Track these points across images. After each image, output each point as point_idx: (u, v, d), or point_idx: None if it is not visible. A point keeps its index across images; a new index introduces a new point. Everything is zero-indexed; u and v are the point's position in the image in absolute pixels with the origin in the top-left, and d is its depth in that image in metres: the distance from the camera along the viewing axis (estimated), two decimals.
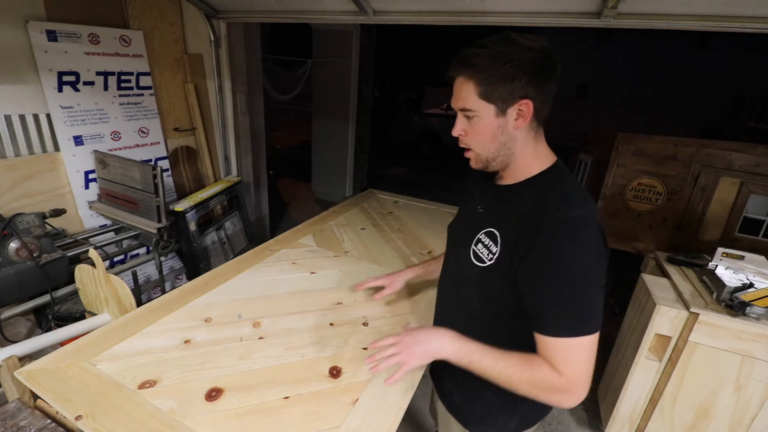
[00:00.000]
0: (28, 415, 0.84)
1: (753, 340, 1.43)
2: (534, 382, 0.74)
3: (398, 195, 2.52)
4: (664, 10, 1.56)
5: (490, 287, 0.82)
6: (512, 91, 0.72)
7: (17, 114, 1.93)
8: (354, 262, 1.61)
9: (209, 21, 2.49)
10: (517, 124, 0.75)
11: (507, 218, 0.81)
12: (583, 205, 0.72)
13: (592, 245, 0.70)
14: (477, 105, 0.75)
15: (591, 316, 0.71)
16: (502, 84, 0.72)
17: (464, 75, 0.75)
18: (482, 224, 0.85)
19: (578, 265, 0.69)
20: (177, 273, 2.64)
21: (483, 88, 0.73)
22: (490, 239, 0.81)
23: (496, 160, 0.80)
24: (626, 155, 2.65)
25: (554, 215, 0.71)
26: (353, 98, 4.69)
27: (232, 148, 2.91)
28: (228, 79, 2.73)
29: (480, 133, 0.78)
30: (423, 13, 1.96)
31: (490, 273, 0.80)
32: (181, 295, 1.28)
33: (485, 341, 0.84)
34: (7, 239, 1.63)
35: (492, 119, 0.75)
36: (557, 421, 2.05)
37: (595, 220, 0.72)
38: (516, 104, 0.73)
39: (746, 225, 2.45)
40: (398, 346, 0.85)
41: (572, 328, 0.70)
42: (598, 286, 0.71)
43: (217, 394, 0.91)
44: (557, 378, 0.72)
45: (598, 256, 0.70)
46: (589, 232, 0.70)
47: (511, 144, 0.78)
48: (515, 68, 0.70)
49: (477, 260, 0.83)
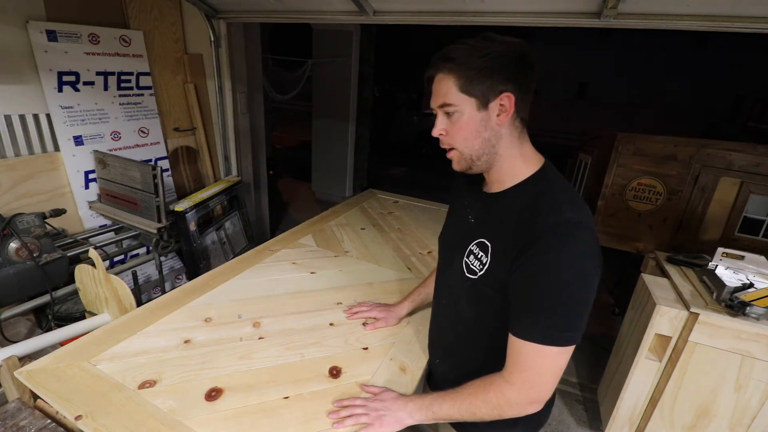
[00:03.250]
0: (28, 415, 0.84)
1: (753, 340, 1.43)
2: (489, 402, 0.75)
3: (398, 195, 2.52)
4: (664, 10, 1.56)
5: (482, 300, 0.81)
6: (492, 85, 0.72)
7: (17, 114, 1.93)
8: (354, 262, 1.61)
9: (209, 21, 2.49)
10: (500, 119, 0.74)
11: (497, 227, 0.79)
12: (576, 209, 0.70)
13: (586, 251, 0.68)
14: (457, 99, 0.74)
15: (569, 329, 0.69)
16: (482, 77, 0.71)
17: (443, 71, 0.74)
18: (473, 235, 0.83)
19: (570, 274, 0.67)
20: (177, 273, 2.64)
21: (463, 81, 0.72)
22: (481, 250, 0.80)
23: (481, 159, 0.78)
24: (626, 155, 2.65)
25: (545, 220, 0.69)
26: (353, 98, 4.69)
27: (232, 148, 2.91)
28: (228, 79, 2.73)
29: (462, 129, 0.76)
30: (423, 13, 1.96)
31: (482, 285, 0.79)
32: (181, 295, 1.28)
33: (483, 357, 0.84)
34: (7, 239, 1.63)
35: (474, 113, 0.74)
36: (557, 421, 2.05)
37: (589, 224, 0.70)
38: (497, 98, 0.73)
39: (746, 225, 2.45)
40: (367, 409, 0.84)
41: (545, 336, 0.69)
42: (584, 296, 0.68)
43: (217, 394, 0.91)
44: (508, 387, 0.73)
45: (591, 264, 0.68)
46: (583, 237, 0.68)
47: (495, 141, 0.76)
48: (493, 62, 0.71)
49: (469, 272, 0.82)
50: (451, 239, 0.94)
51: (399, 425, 0.82)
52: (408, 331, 1.19)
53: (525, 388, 0.72)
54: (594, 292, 0.69)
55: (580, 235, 0.68)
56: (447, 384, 0.87)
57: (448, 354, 0.98)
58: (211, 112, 2.85)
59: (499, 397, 0.74)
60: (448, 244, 0.96)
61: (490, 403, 0.75)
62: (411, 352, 1.10)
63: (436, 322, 1.02)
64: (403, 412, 0.83)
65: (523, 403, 0.73)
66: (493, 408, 0.75)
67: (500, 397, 0.74)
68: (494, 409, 0.75)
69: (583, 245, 0.68)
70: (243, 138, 3.03)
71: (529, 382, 0.72)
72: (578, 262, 0.67)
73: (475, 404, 0.76)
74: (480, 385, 0.77)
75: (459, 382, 0.82)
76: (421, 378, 1.02)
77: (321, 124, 4.94)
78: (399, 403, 0.85)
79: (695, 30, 1.56)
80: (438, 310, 1.00)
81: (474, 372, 0.81)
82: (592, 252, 0.68)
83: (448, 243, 0.95)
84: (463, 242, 0.85)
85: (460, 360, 0.94)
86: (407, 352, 1.10)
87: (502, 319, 0.77)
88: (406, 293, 1.40)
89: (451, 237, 0.95)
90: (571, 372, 2.36)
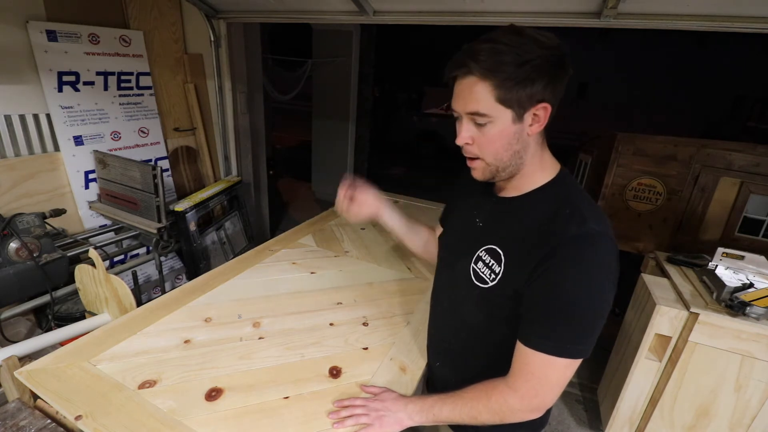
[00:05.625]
0: (28, 415, 0.84)
1: (753, 340, 1.43)
2: (491, 408, 0.74)
3: (398, 195, 2.52)
4: (664, 10, 1.56)
5: (493, 308, 0.78)
6: (531, 95, 0.65)
7: (17, 114, 1.93)
8: (354, 262, 1.61)
9: (209, 21, 2.49)
10: (532, 129, 0.69)
11: (511, 234, 0.75)
12: (598, 220, 0.67)
13: (606, 264, 0.65)
14: (493, 110, 0.66)
15: (581, 342, 0.67)
16: (522, 87, 0.64)
17: (476, 75, 0.65)
18: (482, 240, 0.79)
19: (588, 288, 0.65)
20: (177, 273, 2.64)
21: (501, 91, 0.64)
22: (492, 258, 0.76)
23: (507, 170, 0.73)
24: (626, 155, 2.65)
25: (567, 230, 0.66)
26: (353, 98, 4.69)
27: (232, 148, 2.91)
28: (228, 79, 2.73)
29: (494, 142, 0.69)
30: (423, 13, 1.96)
31: (493, 294, 0.76)
32: (181, 295, 1.28)
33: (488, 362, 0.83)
34: (7, 239, 1.63)
35: (509, 125, 0.68)
36: (557, 421, 2.05)
37: (609, 235, 0.67)
38: (533, 108, 0.67)
39: (746, 225, 2.45)
40: (367, 409, 0.83)
41: (556, 347, 0.67)
42: (601, 314, 0.66)
43: (217, 394, 0.91)
44: (511, 394, 0.72)
45: (610, 278, 0.66)
46: (605, 248, 0.66)
47: (524, 152, 0.71)
48: (535, 70, 0.63)
49: (478, 280, 0.78)
50: (454, 241, 0.91)
51: (399, 426, 0.82)
52: (408, 332, 1.19)
53: (528, 396, 0.71)
54: (610, 306, 0.67)
55: (602, 247, 0.66)
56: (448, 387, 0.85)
57: (450, 358, 0.96)
58: (211, 112, 2.85)
59: (502, 403, 0.73)
60: (450, 245, 0.93)
61: (492, 409, 0.74)
62: (411, 352, 1.10)
63: (436, 325, 1.00)
64: (403, 413, 0.82)
65: (525, 410, 0.73)
66: (494, 414, 0.75)
67: (502, 403, 0.73)
68: (495, 414, 0.75)
69: (604, 257, 0.66)
70: (243, 138, 3.03)
71: (534, 390, 0.71)
72: (597, 275, 0.65)
73: (476, 409, 0.76)
74: (482, 390, 0.77)
75: (460, 386, 0.81)
76: (420, 378, 1.02)
77: (321, 124, 4.94)
78: (399, 404, 0.84)
79: (695, 30, 1.56)
80: (438, 311, 0.98)
81: (477, 376, 0.80)
82: (611, 265, 0.66)
83: (451, 244, 0.92)
84: (469, 247, 0.82)
85: (463, 364, 0.92)
86: (407, 352, 1.10)
87: (512, 326, 0.74)
88: (406, 293, 1.40)
89: (454, 239, 0.91)
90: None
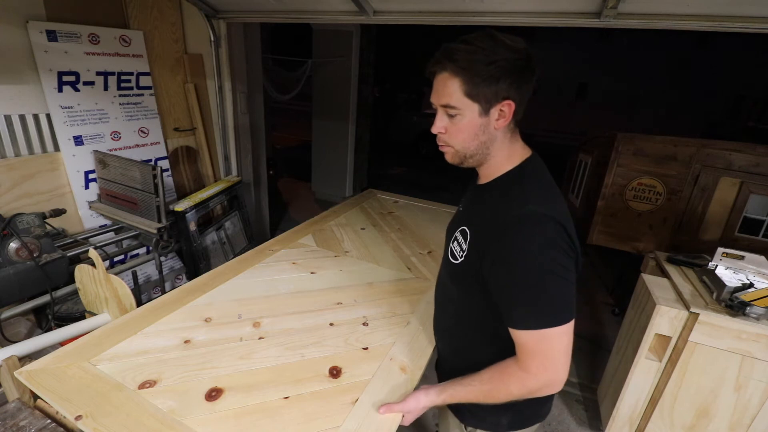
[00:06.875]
0: (28, 415, 0.84)
1: (753, 340, 1.43)
2: (512, 393, 0.78)
3: (398, 195, 2.52)
4: (664, 10, 1.56)
5: (463, 285, 0.87)
6: (496, 92, 0.73)
7: (17, 114, 1.93)
8: (354, 262, 1.61)
9: (209, 21, 2.49)
10: (498, 124, 0.77)
11: (477, 217, 0.84)
12: (543, 203, 0.73)
13: (549, 239, 0.70)
14: (462, 103, 0.75)
15: (557, 307, 0.72)
16: (488, 84, 0.72)
17: (449, 71, 0.74)
18: (460, 223, 0.90)
19: (535, 257, 0.70)
20: (177, 273, 2.64)
21: (469, 86, 0.73)
22: (462, 237, 0.85)
23: (474, 157, 0.82)
24: (626, 155, 2.65)
25: (510, 212, 0.74)
26: (353, 98, 4.69)
27: (232, 148, 2.92)
28: (228, 79, 2.73)
29: (462, 132, 0.78)
30: (423, 13, 1.96)
31: (462, 269, 0.84)
32: (181, 295, 1.28)
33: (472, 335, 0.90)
34: (7, 239, 1.63)
35: (475, 118, 0.76)
36: (557, 421, 2.05)
37: (556, 218, 0.72)
38: (498, 105, 0.74)
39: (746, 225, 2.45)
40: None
41: (539, 321, 0.72)
42: (562, 277, 0.71)
43: (217, 394, 0.91)
44: (526, 376, 0.76)
45: (557, 249, 0.71)
46: (546, 229, 0.71)
47: (490, 143, 0.80)
48: (500, 69, 0.71)
49: (452, 257, 0.88)
50: (449, 227, 1.00)
51: (416, 403, 0.88)
52: (408, 332, 1.19)
53: (540, 372, 0.75)
54: (572, 270, 0.72)
55: (543, 228, 0.71)
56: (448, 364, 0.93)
57: (448, 334, 1.02)
58: (211, 112, 2.85)
59: (521, 387, 0.77)
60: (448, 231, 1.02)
61: (513, 394, 0.78)
62: (411, 352, 1.10)
63: (436, 304, 1.07)
64: (421, 392, 0.89)
65: (543, 386, 0.77)
66: (518, 397, 0.79)
67: (521, 387, 0.77)
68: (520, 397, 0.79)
69: (549, 235, 0.71)
70: (243, 138, 3.03)
71: (543, 366, 0.74)
72: (542, 248, 0.70)
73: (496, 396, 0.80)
74: (498, 378, 0.80)
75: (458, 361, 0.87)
76: (420, 378, 1.02)
77: (321, 124, 4.94)
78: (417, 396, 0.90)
79: (695, 30, 1.56)
80: (437, 290, 1.05)
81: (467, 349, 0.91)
82: (557, 240, 0.71)
83: (448, 230, 1.01)
84: (452, 230, 0.92)
85: (456, 340, 0.98)
86: (407, 352, 1.10)
87: (486, 299, 0.80)
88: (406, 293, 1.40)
89: (449, 225, 1.01)
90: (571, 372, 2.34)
